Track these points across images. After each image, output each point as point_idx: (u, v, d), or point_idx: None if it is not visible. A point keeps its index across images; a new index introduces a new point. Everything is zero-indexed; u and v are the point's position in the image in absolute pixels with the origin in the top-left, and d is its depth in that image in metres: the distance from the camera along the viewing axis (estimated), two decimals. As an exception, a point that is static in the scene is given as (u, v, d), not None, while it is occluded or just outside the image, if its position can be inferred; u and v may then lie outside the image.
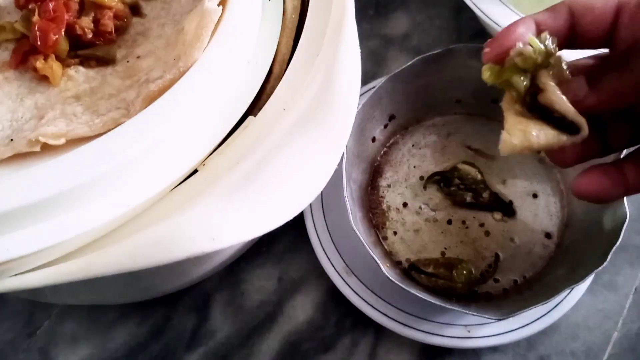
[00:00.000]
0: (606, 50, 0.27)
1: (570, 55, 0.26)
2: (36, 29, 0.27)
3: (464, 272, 0.39)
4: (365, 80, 0.49)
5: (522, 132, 0.24)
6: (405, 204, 0.43)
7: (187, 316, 0.42)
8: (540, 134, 0.24)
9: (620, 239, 0.34)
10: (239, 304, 0.42)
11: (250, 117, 0.28)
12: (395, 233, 0.42)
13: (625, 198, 0.35)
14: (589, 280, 0.40)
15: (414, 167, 0.45)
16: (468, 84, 0.43)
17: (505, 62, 0.24)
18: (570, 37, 0.26)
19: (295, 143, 0.25)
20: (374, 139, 0.44)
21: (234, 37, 0.27)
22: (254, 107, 0.29)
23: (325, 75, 0.26)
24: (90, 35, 0.29)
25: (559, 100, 0.23)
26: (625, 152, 0.31)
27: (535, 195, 0.43)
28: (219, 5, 0.28)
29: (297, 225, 0.41)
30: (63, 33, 0.28)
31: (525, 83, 0.24)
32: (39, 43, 0.27)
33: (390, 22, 0.51)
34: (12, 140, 0.25)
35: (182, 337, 0.41)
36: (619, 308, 0.41)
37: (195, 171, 0.26)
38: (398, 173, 0.44)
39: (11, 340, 0.41)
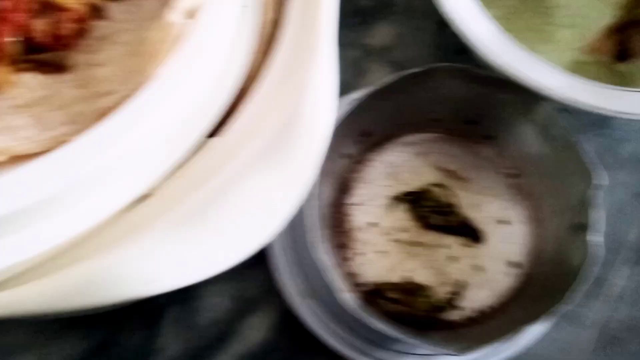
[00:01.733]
0: None
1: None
2: (-16, 28, 0.25)
3: (427, 299, 0.39)
4: (342, 91, 0.47)
5: None
6: (372, 224, 0.42)
7: (135, 331, 0.40)
8: None
9: (588, 281, 0.34)
10: (191, 321, 0.40)
11: (214, 139, 0.26)
12: (360, 254, 0.41)
13: (593, 236, 0.35)
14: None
15: (385, 186, 0.43)
16: (447, 104, 0.42)
17: None
18: None
19: (258, 174, 0.24)
20: (345, 155, 0.42)
21: (202, 52, 0.25)
22: (221, 126, 0.28)
23: (297, 102, 0.25)
24: (45, 39, 0.26)
25: None
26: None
27: (506, 222, 0.42)
28: (190, 15, 0.26)
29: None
30: (15, 35, 0.26)
31: None
32: (-14, 44, 0.25)
33: (373, 32, 0.49)
34: (-52, 152, 0.23)
35: (129, 353, 0.40)
36: (582, 342, 0.41)
37: (147, 195, 0.25)
38: (368, 191, 0.43)
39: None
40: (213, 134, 0.27)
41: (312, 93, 0.25)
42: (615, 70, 0.42)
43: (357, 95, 0.44)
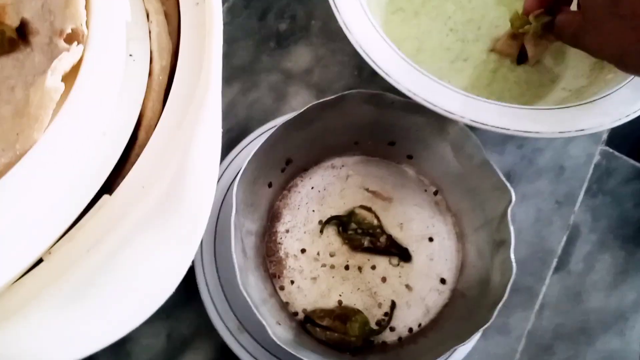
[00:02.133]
0: None
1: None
2: None
3: (358, 324, 0.39)
4: (265, 117, 0.48)
5: None
6: (303, 250, 0.42)
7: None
8: None
9: (505, 296, 0.34)
10: (124, 365, 0.39)
11: (105, 196, 0.26)
12: (292, 282, 0.41)
13: (512, 251, 0.35)
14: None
15: (313, 210, 0.43)
16: (364, 127, 0.42)
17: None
18: None
19: (149, 232, 0.23)
20: (270, 184, 0.42)
21: (84, 111, 0.25)
22: (118, 177, 0.27)
23: (185, 154, 0.25)
24: None
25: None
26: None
27: (431, 239, 0.43)
28: (71, 72, 0.25)
29: (187, 277, 0.39)
30: None
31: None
32: None
33: (292, 56, 0.49)
34: None
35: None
36: (512, 352, 0.42)
37: (41, 260, 0.24)
38: (297, 217, 0.43)
39: None
40: (106, 188, 0.26)
41: (199, 144, 0.24)
42: (520, 78, 0.44)
43: (273, 124, 0.44)
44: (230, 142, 0.44)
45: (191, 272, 0.40)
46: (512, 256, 0.35)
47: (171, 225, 0.23)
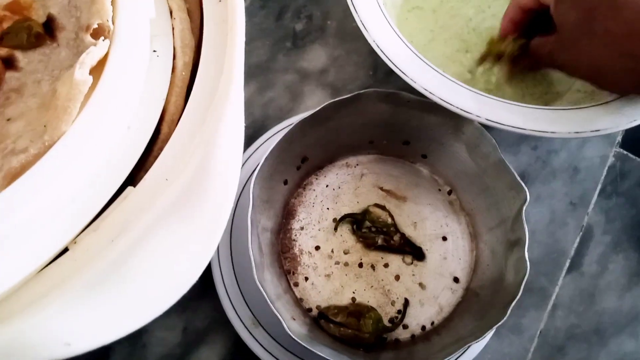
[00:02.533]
0: None
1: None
2: None
3: (371, 321, 0.39)
4: (281, 116, 0.48)
5: None
6: (317, 247, 0.43)
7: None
8: None
9: (519, 294, 0.35)
10: (139, 357, 0.40)
11: (130, 188, 0.26)
12: (306, 279, 0.42)
13: (526, 250, 0.36)
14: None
15: (328, 208, 0.44)
16: (379, 126, 0.42)
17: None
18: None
19: (171, 225, 0.24)
20: (285, 182, 0.43)
21: (111, 104, 0.25)
22: (141, 170, 0.28)
23: (208, 149, 0.25)
24: (-48, 97, 0.26)
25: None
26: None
27: (444, 238, 0.43)
28: (97, 67, 0.26)
29: (203, 271, 0.40)
30: None
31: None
32: None
33: (308, 56, 0.50)
34: None
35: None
36: (524, 352, 0.42)
37: (66, 249, 0.25)
38: (311, 215, 0.44)
39: None
40: (130, 180, 0.27)
41: (223, 138, 0.25)
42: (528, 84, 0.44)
43: (288, 123, 0.44)
44: (246, 140, 0.44)
45: (207, 266, 0.40)
46: (527, 255, 0.35)
47: (194, 217, 0.24)
